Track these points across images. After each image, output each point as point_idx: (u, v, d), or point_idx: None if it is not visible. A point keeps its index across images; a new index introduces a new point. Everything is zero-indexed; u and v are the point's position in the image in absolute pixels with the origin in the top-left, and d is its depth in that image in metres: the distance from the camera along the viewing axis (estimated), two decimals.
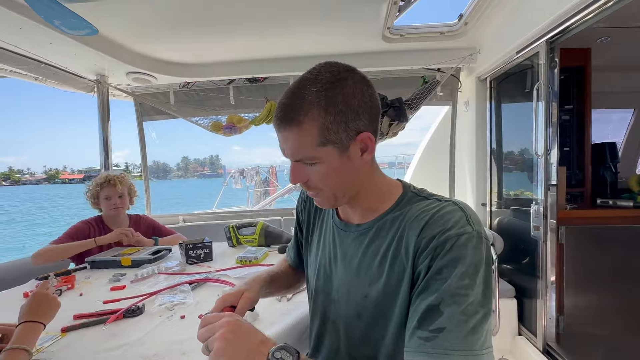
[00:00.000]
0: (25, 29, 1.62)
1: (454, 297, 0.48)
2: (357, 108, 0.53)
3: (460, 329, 0.47)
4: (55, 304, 0.84)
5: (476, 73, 2.37)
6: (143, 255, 1.52)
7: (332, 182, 0.57)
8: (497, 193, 2.35)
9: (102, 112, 2.43)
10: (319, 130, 0.53)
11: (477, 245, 0.51)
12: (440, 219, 0.53)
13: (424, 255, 0.52)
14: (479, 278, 0.50)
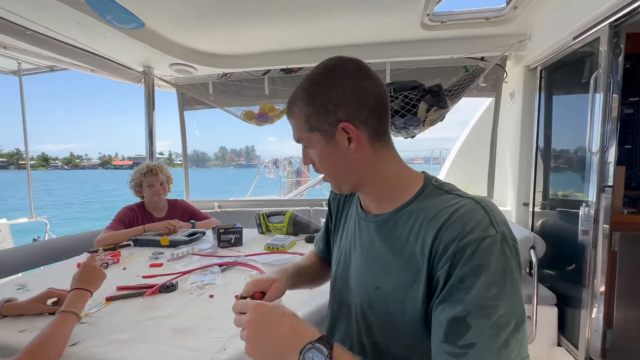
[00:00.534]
0: (82, 24, 1.76)
1: (483, 310, 0.44)
2: (337, 100, 0.57)
3: (492, 344, 0.43)
4: (101, 275, 0.93)
5: (525, 62, 2.19)
6: (180, 236, 1.62)
7: (327, 166, 0.63)
8: (542, 193, 2.18)
9: (148, 102, 2.59)
10: (305, 119, 0.60)
11: (502, 250, 0.47)
12: (459, 219, 0.50)
13: (442, 260, 0.49)
14: (508, 286, 0.46)
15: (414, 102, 1.97)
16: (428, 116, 2.01)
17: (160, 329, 0.83)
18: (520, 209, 2.29)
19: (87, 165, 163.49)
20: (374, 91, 0.58)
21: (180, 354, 0.73)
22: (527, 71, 2.21)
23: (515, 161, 2.33)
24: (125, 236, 1.67)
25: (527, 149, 2.24)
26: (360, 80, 0.58)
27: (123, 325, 0.85)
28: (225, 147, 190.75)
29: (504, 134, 2.49)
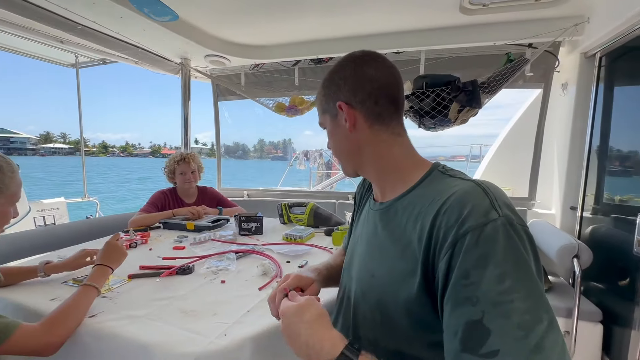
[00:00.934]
0: (124, 18, 1.87)
1: (498, 307, 0.38)
2: (338, 81, 0.62)
3: (520, 349, 0.37)
4: (122, 253, 0.99)
5: (581, 48, 1.94)
6: (204, 222, 1.69)
7: (333, 145, 0.68)
8: (594, 196, 1.94)
9: (184, 92, 2.71)
10: (320, 102, 0.68)
11: (508, 235, 0.41)
12: (457, 202, 0.45)
13: (442, 250, 0.44)
14: (525, 275, 0.40)
15: (445, 102, 1.86)
16: (459, 117, 1.89)
17: (170, 309, 0.87)
18: (567, 214, 2.07)
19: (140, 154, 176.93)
20: (374, 77, 0.60)
21: (184, 334, 0.75)
22: (584, 59, 1.96)
23: (563, 160, 2.10)
24: (155, 219, 1.77)
25: (578, 147, 2.00)
26: (361, 66, 0.61)
27: (138, 302, 0.90)
28: (263, 140, 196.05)
29: (551, 130, 2.26)
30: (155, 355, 0.70)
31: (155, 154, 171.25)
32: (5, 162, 0.76)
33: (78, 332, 0.77)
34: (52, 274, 1.03)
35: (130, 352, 0.73)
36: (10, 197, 0.77)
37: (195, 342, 0.72)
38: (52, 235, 1.89)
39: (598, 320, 1.61)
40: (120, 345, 0.74)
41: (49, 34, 2.16)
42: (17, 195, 0.79)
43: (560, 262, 1.64)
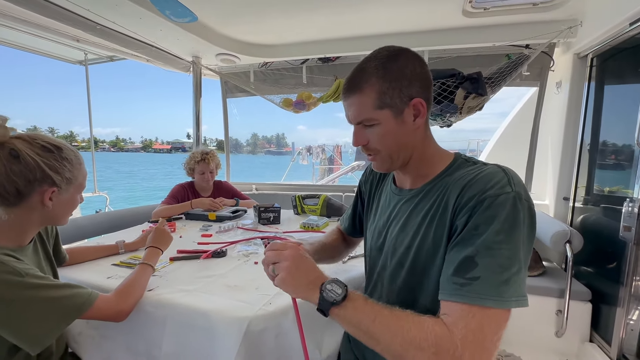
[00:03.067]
0: (143, 19, 1.95)
1: (489, 251, 0.52)
2: (410, 77, 0.63)
3: (494, 279, 0.51)
4: (169, 238, 1.12)
5: (575, 49, 2.07)
6: (225, 212, 1.80)
7: (389, 143, 0.66)
8: (585, 188, 2.09)
9: (196, 90, 2.80)
10: (377, 95, 0.63)
11: (514, 205, 0.54)
12: (481, 180, 0.58)
13: (462, 212, 0.57)
14: (516, 235, 0.53)
15: (451, 89, 1.96)
16: (466, 103, 1.99)
17: (216, 285, 0.99)
18: (560, 204, 2.22)
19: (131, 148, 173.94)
20: (429, 72, 0.66)
21: (235, 304, 0.87)
22: (577, 59, 2.10)
23: (557, 154, 2.24)
24: (178, 210, 1.88)
25: (571, 142, 2.14)
26: (423, 64, 0.66)
27: (186, 280, 1.02)
28: (257, 134, 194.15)
29: (546, 126, 2.40)
30: (213, 319, 0.82)
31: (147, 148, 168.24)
32: (74, 154, 0.84)
33: (141, 303, 0.89)
34: (129, 250, 1.25)
35: (191, 317, 0.84)
36: (78, 186, 0.87)
37: (245, 309, 0.84)
38: (77, 226, 1.99)
39: (587, 300, 1.77)
40: (180, 312, 0.86)
41: (68, 34, 2.24)
42: (83, 185, 0.89)
43: (554, 247, 1.78)
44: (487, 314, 0.51)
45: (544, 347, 1.79)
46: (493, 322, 0.51)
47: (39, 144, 0.76)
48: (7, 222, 0.76)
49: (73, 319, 0.74)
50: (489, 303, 0.51)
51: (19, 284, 0.68)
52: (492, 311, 0.51)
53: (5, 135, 0.72)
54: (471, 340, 0.49)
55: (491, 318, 0.51)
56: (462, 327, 0.50)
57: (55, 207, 0.80)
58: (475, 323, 0.50)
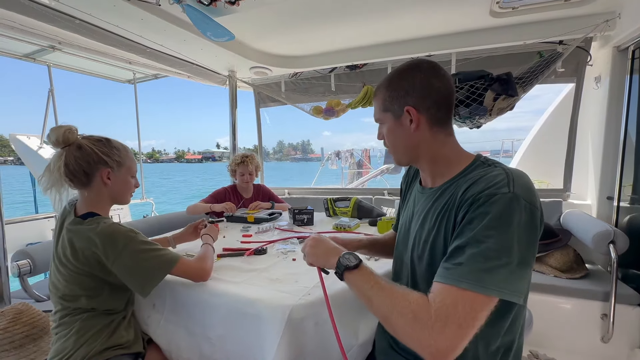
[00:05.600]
0: (187, 40, 2.16)
1: (477, 242, 0.58)
2: (407, 88, 0.75)
3: (475, 266, 0.57)
4: (217, 232, 1.35)
5: (614, 42, 1.99)
6: (262, 215, 1.93)
7: (392, 139, 0.81)
8: (632, 186, 1.98)
9: (232, 101, 3.00)
10: (382, 101, 0.80)
11: (509, 204, 0.59)
12: (483, 180, 0.64)
13: (462, 208, 0.64)
14: (507, 231, 0.57)
15: (480, 91, 1.96)
16: (495, 105, 1.97)
17: (260, 278, 1.09)
18: (603, 203, 2.11)
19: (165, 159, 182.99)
20: (439, 88, 0.74)
21: (278, 294, 0.96)
22: (617, 52, 2.01)
23: (598, 152, 2.15)
24: (201, 209, 2.07)
25: (613, 138, 2.05)
26: (430, 77, 0.74)
27: (233, 273, 1.14)
28: (282, 141, 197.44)
29: (585, 122, 2.30)
30: (259, 307, 0.92)
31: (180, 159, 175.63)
32: (121, 144, 1.07)
33: (197, 292, 1.01)
34: (177, 243, 1.42)
35: (240, 303, 0.95)
36: (127, 169, 1.06)
37: (287, 298, 0.93)
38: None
39: (636, 304, 1.68)
40: (231, 300, 0.97)
41: (122, 57, 2.52)
42: (132, 169, 1.08)
43: (596, 248, 1.72)
44: (462, 294, 0.56)
45: (588, 353, 1.72)
46: (467, 303, 0.56)
47: (94, 138, 1.03)
48: (91, 198, 1.01)
49: (169, 270, 0.97)
50: (464, 285, 0.56)
51: (135, 238, 0.95)
52: (467, 293, 0.56)
53: (73, 137, 0.99)
54: (444, 313, 0.56)
55: (465, 299, 0.56)
56: (438, 301, 0.57)
57: (114, 185, 1.03)
58: (451, 300, 0.57)
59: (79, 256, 0.93)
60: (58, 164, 0.95)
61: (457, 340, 0.55)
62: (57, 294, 0.97)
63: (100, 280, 0.96)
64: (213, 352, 0.98)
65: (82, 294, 0.95)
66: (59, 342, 0.93)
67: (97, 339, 0.93)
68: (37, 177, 3.48)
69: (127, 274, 0.93)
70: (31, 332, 1.14)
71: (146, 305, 1.13)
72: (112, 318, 0.98)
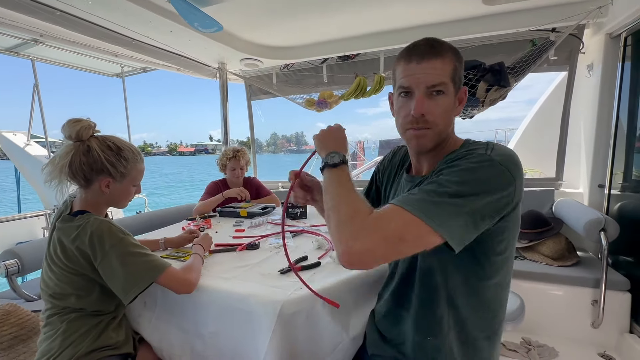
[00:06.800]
0: (174, 32, 2.10)
1: (436, 184, 0.60)
2: (461, 71, 0.73)
3: (422, 197, 0.59)
4: (211, 242, 1.30)
5: (606, 29, 1.98)
6: (255, 209, 1.91)
7: (445, 116, 0.70)
8: (622, 174, 2.00)
9: (222, 94, 2.95)
10: (453, 67, 0.69)
11: (480, 161, 0.61)
12: (465, 152, 0.65)
13: (440, 167, 0.66)
14: (470, 182, 0.58)
15: (472, 82, 1.95)
16: (488, 96, 1.96)
17: (251, 273, 1.08)
18: (594, 192, 2.13)
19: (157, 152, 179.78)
20: None
21: (270, 289, 0.95)
22: (609, 39, 2.01)
23: (590, 140, 2.16)
24: (214, 203, 2.05)
25: (605, 126, 2.05)
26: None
27: (225, 269, 1.12)
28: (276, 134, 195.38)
29: (577, 111, 2.30)
30: (251, 303, 0.91)
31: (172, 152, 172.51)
32: (133, 155, 1.02)
33: None
34: (168, 247, 1.36)
35: (231, 299, 0.94)
36: (131, 180, 1.04)
37: (278, 293, 0.92)
38: (122, 225, 2.19)
39: (626, 289, 1.70)
40: (222, 297, 0.96)
41: (108, 50, 2.45)
42: (136, 179, 1.05)
43: (587, 236, 1.73)
44: (401, 213, 0.57)
45: (579, 338, 1.75)
46: (400, 221, 0.57)
47: (106, 144, 0.98)
48: (88, 199, 0.99)
49: (155, 278, 0.92)
50: (407, 207, 0.57)
51: (124, 240, 0.92)
52: (406, 214, 0.57)
53: (87, 135, 0.96)
54: (376, 223, 0.58)
55: (402, 218, 0.57)
56: (378, 212, 0.59)
57: (112, 194, 1.01)
58: (389, 215, 0.58)
59: (69, 254, 0.91)
60: (63, 161, 0.93)
61: (373, 246, 0.56)
62: (48, 292, 0.95)
63: (91, 280, 0.94)
64: (205, 348, 0.97)
65: (73, 293, 0.93)
66: (46, 343, 0.92)
67: (84, 340, 0.91)
68: (24, 174, 3.41)
69: (111, 275, 0.90)
70: (20, 332, 1.12)
71: (137, 303, 1.11)
72: (101, 319, 0.96)
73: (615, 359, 1.63)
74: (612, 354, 1.66)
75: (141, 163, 1.05)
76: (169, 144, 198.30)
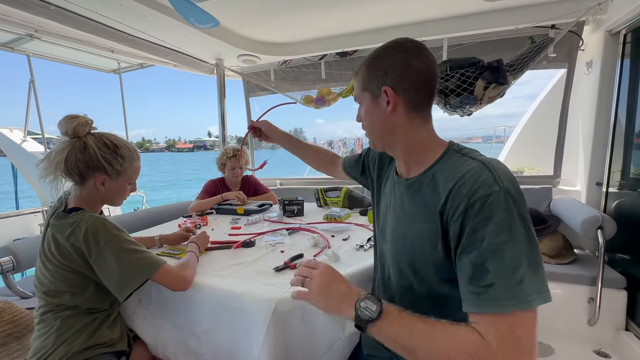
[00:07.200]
0: (171, 27, 2.08)
1: (494, 254, 0.53)
2: (387, 68, 0.69)
3: (507, 282, 0.52)
4: (208, 241, 1.29)
5: (606, 26, 1.97)
6: (252, 207, 1.90)
7: (368, 121, 0.77)
8: (620, 172, 2.00)
9: (220, 91, 2.93)
10: (362, 80, 0.75)
11: (506, 202, 0.55)
12: (469, 179, 0.58)
13: (456, 215, 0.58)
14: (515, 231, 0.53)
15: (471, 79, 1.93)
16: (486, 94, 1.95)
17: (246, 271, 1.08)
18: (592, 189, 2.13)
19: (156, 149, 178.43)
20: (420, 69, 0.68)
21: (264, 287, 0.95)
22: (609, 36, 1.99)
23: (589, 137, 2.15)
24: (210, 204, 2.02)
25: (603, 124, 2.04)
26: (411, 57, 0.68)
27: (219, 267, 1.12)
28: None
29: (576, 108, 2.29)
30: (244, 300, 0.91)
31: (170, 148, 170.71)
32: (129, 153, 1.01)
33: None
34: (163, 244, 1.36)
35: (225, 297, 0.94)
36: (127, 178, 1.03)
37: (273, 291, 0.92)
38: (119, 222, 2.18)
39: (622, 287, 1.70)
40: (216, 294, 0.96)
41: (104, 46, 2.43)
42: (132, 177, 1.05)
43: (584, 234, 1.73)
44: (512, 318, 0.51)
45: (576, 335, 1.75)
46: (522, 323, 0.51)
47: (102, 141, 0.97)
48: (82, 196, 0.98)
49: (150, 275, 0.92)
50: (509, 308, 0.51)
51: (119, 236, 0.92)
52: (516, 314, 0.51)
53: (84, 131, 0.95)
54: (506, 346, 0.51)
55: (518, 321, 0.51)
56: (493, 334, 0.52)
57: (107, 191, 1.00)
58: (505, 328, 0.52)
59: (63, 252, 0.91)
60: (58, 157, 0.93)
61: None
62: (42, 289, 0.94)
63: (85, 277, 0.93)
64: (199, 346, 0.97)
65: (67, 290, 0.93)
66: (39, 340, 0.91)
67: (78, 338, 0.91)
68: (21, 171, 3.40)
69: (106, 272, 0.90)
70: (13, 330, 1.12)
71: (132, 300, 1.10)
72: (95, 317, 0.96)
73: (610, 356, 1.63)
74: (607, 351, 1.66)
75: (137, 161, 1.05)
76: (168, 140, 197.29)
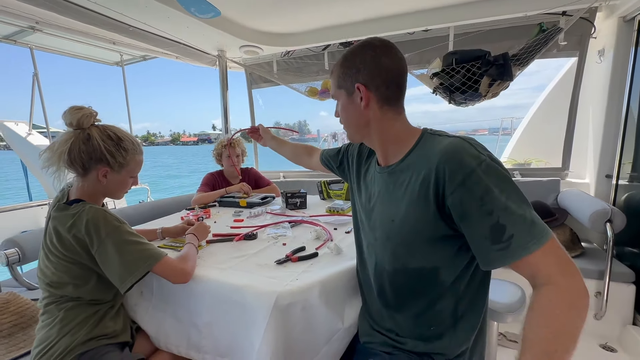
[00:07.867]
0: (171, 18, 2.05)
1: (505, 210, 0.59)
2: (359, 65, 0.74)
3: (524, 228, 0.58)
4: (207, 232, 1.28)
5: (620, 12, 1.89)
6: (254, 199, 1.90)
7: (345, 117, 0.82)
8: (631, 164, 1.94)
9: (222, 82, 2.90)
10: (337, 78, 0.80)
11: (495, 166, 0.62)
12: (453, 154, 0.64)
13: (451, 188, 0.63)
14: (512, 186, 0.61)
15: (476, 77, 1.90)
16: (490, 90, 1.92)
17: (248, 263, 1.07)
18: (602, 182, 2.08)
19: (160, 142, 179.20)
20: (389, 67, 0.74)
21: (265, 280, 0.94)
22: (622, 23, 1.92)
23: (599, 129, 2.09)
24: (213, 197, 2.01)
25: (614, 114, 1.99)
26: (380, 55, 0.74)
27: (221, 259, 1.11)
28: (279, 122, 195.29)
29: (586, 99, 2.23)
30: (245, 293, 0.90)
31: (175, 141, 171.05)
32: (132, 145, 1.01)
33: None
34: (165, 237, 1.36)
35: (226, 290, 0.93)
36: (129, 170, 1.03)
37: (274, 284, 0.91)
38: (123, 215, 2.19)
39: (631, 281, 1.67)
40: (217, 287, 0.95)
41: (105, 37, 2.41)
42: (134, 171, 1.04)
43: (593, 227, 1.70)
44: (543, 252, 0.58)
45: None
46: (553, 246, 0.58)
47: (106, 133, 0.97)
48: (84, 188, 0.98)
49: (151, 267, 0.92)
50: (534, 247, 0.58)
51: (119, 228, 0.92)
52: (543, 248, 0.58)
53: (88, 123, 0.96)
54: (561, 264, 0.58)
55: (550, 246, 0.58)
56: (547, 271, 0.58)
57: (109, 184, 1.00)
58: (549, 260, 0.58)
59: (65, 243, 0.91)
60: (62, 148, 0.93)
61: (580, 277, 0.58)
62: (45, 280, 0.95)
63: (88, 268, 0.94)
64: (200, 338, 0.97)
65: (70, 281, 0.93)
66: (43, 331, 0.92)
67: (81, 329, 0.91)
68: (27, 164, 3.43)
69: (108, 263, 0.90)
70: (19, 321, 1.13)
71: (134, 292, 1.11)
72: (98, 308, 0.96)
73: (617, 351, 1.61)
74: (613, 345, 1.65)
75: (140, 155, 1.04)
76: (172, 134, 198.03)
